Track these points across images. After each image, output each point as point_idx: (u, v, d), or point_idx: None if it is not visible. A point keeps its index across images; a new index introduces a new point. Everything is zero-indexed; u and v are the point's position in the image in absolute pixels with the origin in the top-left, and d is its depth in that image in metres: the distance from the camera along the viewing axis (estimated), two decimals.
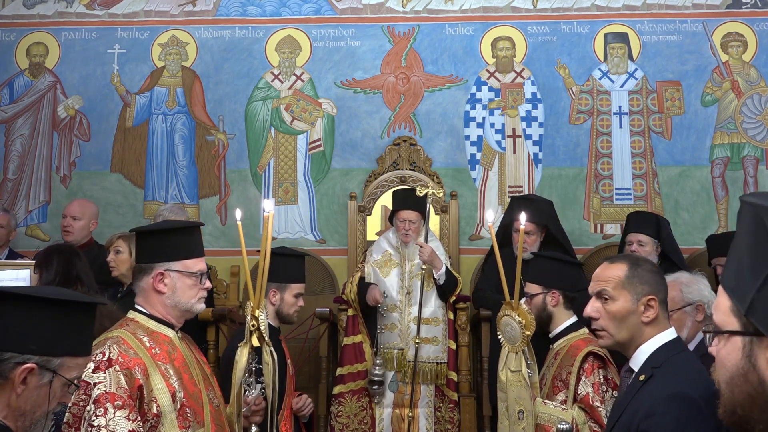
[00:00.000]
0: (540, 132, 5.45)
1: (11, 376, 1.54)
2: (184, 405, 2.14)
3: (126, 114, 5.54)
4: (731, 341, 0.96)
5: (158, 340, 2.20)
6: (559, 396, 2.84)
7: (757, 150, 5.37)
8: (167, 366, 2.16)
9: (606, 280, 2.18)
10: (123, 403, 2.00)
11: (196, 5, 5.65)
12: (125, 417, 1.99)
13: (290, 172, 5.47)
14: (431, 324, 4.26)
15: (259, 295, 2.32)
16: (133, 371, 2.06)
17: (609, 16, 5.55)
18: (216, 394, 2.34)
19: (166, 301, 2.24)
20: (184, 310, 2.27)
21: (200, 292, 2.28)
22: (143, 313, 2.25)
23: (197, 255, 2.31)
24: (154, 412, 2.07)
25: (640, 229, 4.37)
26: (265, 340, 2.34)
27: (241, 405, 2.36)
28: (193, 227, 2.39)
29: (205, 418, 2.20)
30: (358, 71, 5.56)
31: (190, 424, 2.14)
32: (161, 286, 2.23)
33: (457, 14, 5.60)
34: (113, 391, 2.01)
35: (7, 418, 1.56)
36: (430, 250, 4.19)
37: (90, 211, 4.72)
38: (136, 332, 2.18)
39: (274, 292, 3.11)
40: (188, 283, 2.25)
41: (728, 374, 0.95)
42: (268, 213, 2.32)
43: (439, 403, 4.28)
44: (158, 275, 2.23)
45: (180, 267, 2.25)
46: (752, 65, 5.45)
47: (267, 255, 2.35)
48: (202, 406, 2.21)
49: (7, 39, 5.64)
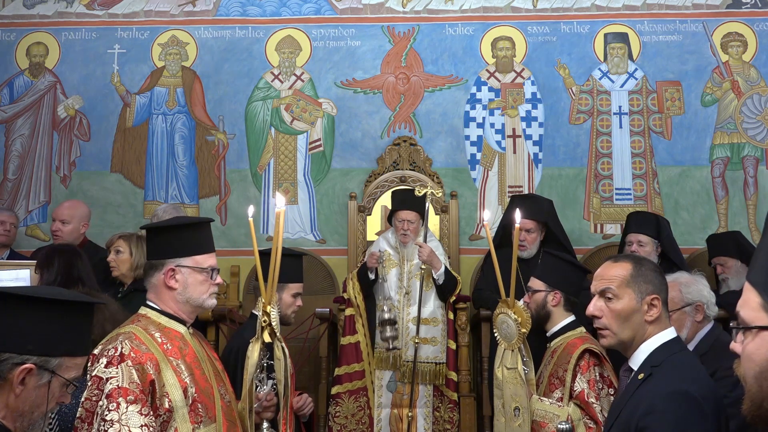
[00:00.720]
0: (540, 132, 5.45)
1: (10, 377, 1.54)
2: (195, 400, 2.14)
3: (126, 114, 5.54)
4: (760, 336, 0.97)
5: (170, 336, 2.21)
6: (555, 393, 2.85)
7: (757, 150, 5.37)
8: (179, 361, 2.17)
9: (610, 279, 2.18)
10: (135, 398, 2.01)
11: (196, 5, 5.65)
12: (138, 411, 2.00)
13: (290, 172, 5.47)
14: (430, 324, 4.25)
15: (271, 291, 2.32)
16: (145, 366, 2.06)
17: (609, 16, 5.55)
18: (227, 390, 2.34)
19: (177, 296, 2.25)
20: (196, 305, 2.28)
21: (211, 288, 2.30)
22: (155, 308, 2.26)
23: (208, 251, 2.32)
24: (166, 407, 2.07)
25: (640, 230, 4.37)
26: (276, 336, 2.34)
27: (253, 401, 2.36)
28: (203, 223, 2.40)
29: (217, 414, 2.21)
30: (358, 71, 5.56)
31: (201, 419, 2.15)
32: (172, 282, 2.24)
33: (457, 14, 5.60)
34: (126, 386, 2.01)
35: (6, 418, 1.56)
36: (429, 250, 4.19)
37: (79, 213, 4.65)
38: (148, 328, 2.19)
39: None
40: (199, 278, 2.27)
41: (758, 368, 0.96)
42: (280, 209, 2.32)
43: (437, 403, 4.28)
44: (169, 271, 2.24)
45: (191, 263, 2.26)
46: (752, 65, 5.45)
47: (279, 250, 2.35)
48: (213, 402, 2.21)
49: (7, 39, 5.64)
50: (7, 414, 1.56)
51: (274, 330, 2.33)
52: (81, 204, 4.79)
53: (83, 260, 3.52)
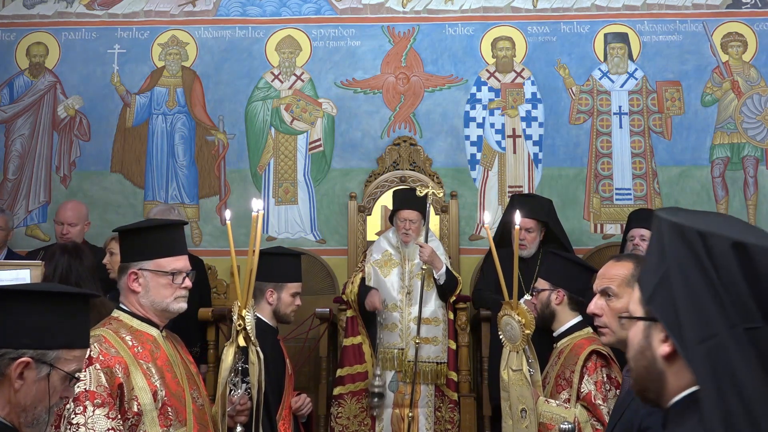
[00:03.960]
0: (540, 132, 5.45)
1: (8, 372, 1.54)
2: (165, 404, 2.14)
3: (126, 114, 5.54)
4: (636, 325, 1.21)
5: (141, 339, 2.20)
6: (562, 394, 2.84)
7: (757, 150, 5.37)
8: (149, 365, 2.16)
9: (611, 278, 2.19)
10: (102, 401, 2.01)
11: (196, 5, 5.65)
12: (104, 415, 2.00)
13: (290, 172, 5.47)
14: (431, 324, 4.25)
15: (247, 295, 2.32)
16: (114, 369, 2.06)
17: (609, 16, 5.55)
18: (201, 393, 2.34)
19: (141, 300, 2.24)
20: (160, 309, 2.25)
21: (177, 291, 2.25)
22: (127, 311, 2.25)
23: (175, 253, 2.28)
24: (134, 410, 2.07)
25: (642, 224, 4.35)
26: (251, 340, 2.34)
27: (226, 404, 2.36)
28: (171, 225, 2.36)
29: (188, 417, 2.20)
30: (358, 71, 5.56)
31: (171, 422, 2.14)
32: (135, 286, 2.22)
33: (457, 14, 5.60)
34: (93, 389, 2.01)
35: (10, 414, 1.57)
36: (430, 250, 4.19)
37: (83, 214, 4.70)
38: (119, 331, 2.18)
39: (271, 291, 3.12)
40: (162, 282, 2.23)
41: (633, 351, 1.21)
42: (257, 212, 2.31)
43: (438, 403, 4.28)
44: (132, 274, 2.23)
45: (152, 266, 2.23)
46: (752, 65, 5.45)
47: (256, 255, 2.35)
48: (184, 405, 2.20)
49: (7, 39, 5.64)
50: (11, 410, 1.57)
51: (249, 334, 2.33)
52: (82, 204, 4.81)
53: (85, 262, 3.50)
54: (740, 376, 1.02)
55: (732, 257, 1.05)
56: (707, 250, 1.07)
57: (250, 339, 2.33)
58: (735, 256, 1.05)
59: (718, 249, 1.06)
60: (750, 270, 1.04)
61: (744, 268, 1.05)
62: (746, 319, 1.04)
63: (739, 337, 1.03)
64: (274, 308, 3.13)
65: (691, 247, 1.08)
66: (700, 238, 1.08)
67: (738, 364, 1.02)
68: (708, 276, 1.06)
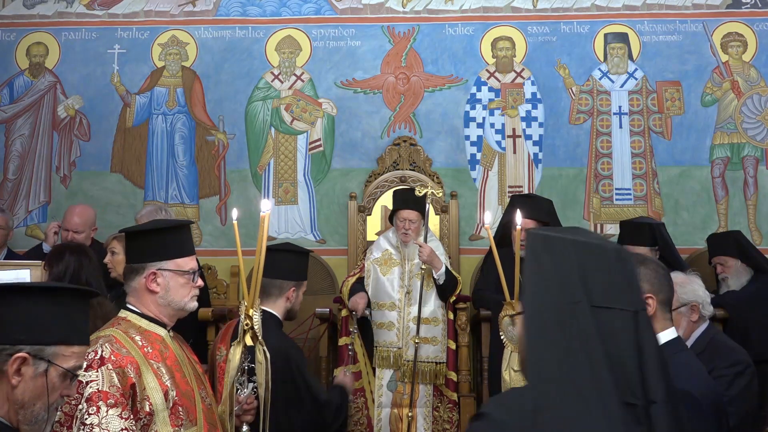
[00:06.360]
0: (540, 132, 5.45)
1: (5, 369, 1.54)
2: (176, 403, 2.14)
3: (126, 114, 5.54)
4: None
5: (150, 339, 2.21)
6: None
7: (757, 150, 5.37)
8: (159, 365, 2.16)
9: None
10: (116, 402, 2.01)
11: (196, 5, 5.65)
12: (118, 415, 2.00)
13: (290, 172, 5.47)
14: (431, 324, 4.25)
15: (254, 295, 2.32)
16: (126, 370, 2.06)
17: (609, 16, 5.55)
18: (208, 392, 2.34)
19: (159, 300, 2.24)
20: (178, 308, 2.27)
21: (193, 290, 2.29)
22: (135, 312, 2.25)
23: (188, 253, 2.31)
24: (146, 410, 2.08)
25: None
26: (258, 339, 2.34)
27: (233, 404, 2.36)
28: (184, 226, 2.38)
29: (198, 417, 2.21)
30: (358, 71, 5.56)
31: (182, 422, 2.15)
32: (154, 286, 2.23)
33: (457, 14, 5.60)
34: (106, 390, 2.01)
35: (9, 412, 1.56)
36: (430, 249, 4.19)
37: (89, 220, 4.61)
38: (128, 331, 2.19)
39: (293, 289, 3.10)
40: (181, 281, 2.26)
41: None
42: (265, 213, 2.31)
43: (437, 403, 4.28)
44: (151, 275, 2.23)
45: (172, 266, 2.25)
46: (752, 65, 5.45)
47: (262, 255, 2.35)
48: (194, 405, 2.21)
49: (7, 39, 5.64)
50: (10, 407, 1.57)
51: (256, 333, 2.33)
52: (88, 209, 4.70)
53: (92, 262, 3.49)
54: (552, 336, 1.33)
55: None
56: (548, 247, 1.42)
57: (258, 338, 2.33)
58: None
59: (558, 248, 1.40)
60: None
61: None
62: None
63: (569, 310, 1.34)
64: (290, 306, 3.11)
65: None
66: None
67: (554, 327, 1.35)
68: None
